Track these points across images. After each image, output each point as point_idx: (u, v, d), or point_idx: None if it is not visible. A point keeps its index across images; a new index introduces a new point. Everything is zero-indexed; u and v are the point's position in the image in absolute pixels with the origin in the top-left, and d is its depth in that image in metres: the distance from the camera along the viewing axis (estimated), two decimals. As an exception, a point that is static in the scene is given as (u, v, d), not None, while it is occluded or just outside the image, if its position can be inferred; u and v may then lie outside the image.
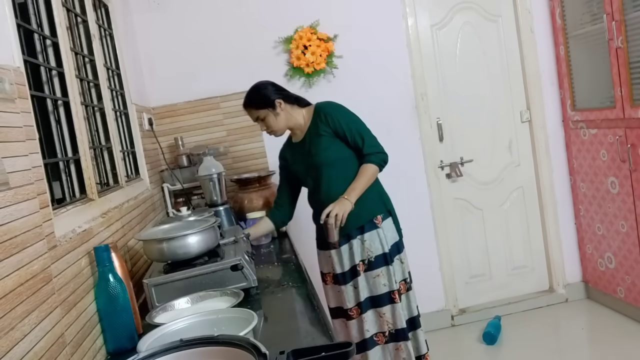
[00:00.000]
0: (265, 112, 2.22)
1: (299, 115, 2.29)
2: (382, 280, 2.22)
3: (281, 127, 2.27)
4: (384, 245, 2.22)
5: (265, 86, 2.26)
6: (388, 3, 3.31)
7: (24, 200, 1.13)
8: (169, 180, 2.92)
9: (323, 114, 2.24)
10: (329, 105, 2.29)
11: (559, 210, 3.55)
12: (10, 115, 1.14)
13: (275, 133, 2.30)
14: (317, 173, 2.25)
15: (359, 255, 2.23)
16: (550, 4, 3.37)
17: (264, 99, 2.22)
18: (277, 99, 2.22)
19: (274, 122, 2.24)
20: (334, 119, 2.21)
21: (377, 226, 2.23)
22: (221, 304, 1.54)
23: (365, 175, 2.20)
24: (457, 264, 3.54)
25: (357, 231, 2.23)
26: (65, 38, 1.69)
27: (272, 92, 2.23)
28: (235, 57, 3.21)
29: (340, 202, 2.14)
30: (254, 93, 2.25)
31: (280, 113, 2.23)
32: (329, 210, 2.12)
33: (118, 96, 2.44)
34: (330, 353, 0.90)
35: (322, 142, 2.22)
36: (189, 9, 3.18)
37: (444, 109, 3.45)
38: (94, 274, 1.50)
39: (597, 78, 3.12)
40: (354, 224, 2.19)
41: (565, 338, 3.22)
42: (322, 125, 2.23)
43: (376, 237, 2.22)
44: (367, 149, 2.21)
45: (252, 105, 2.25)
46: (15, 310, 1.02)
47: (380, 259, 2.22)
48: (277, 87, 2.27)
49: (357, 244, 2.23)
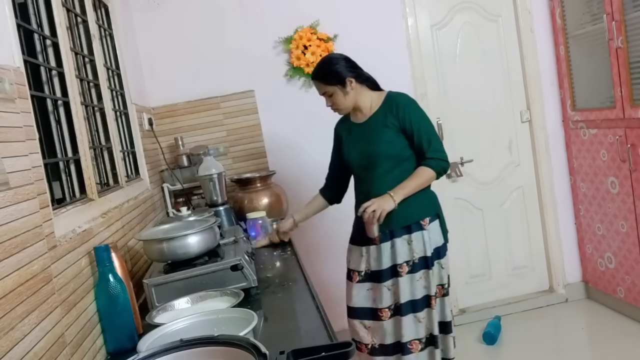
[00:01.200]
0: (334, 88, 2.14)
1: (367, 98, 2.20)
2: (423, 283, 2.15)
3: (347, 106, 2.19)
4: (427, 248, 2.15)
5: (338, 61, 2.16)
6: (388, 3, 3.31)
7: (24, 200, 1.13)
8: (169, 180, 2.92)
9: (395, 105, 2.15)
10: (404, 97, 2.20)
11: (559, 210, 3.55)
12: (10, 115, 1.14)
13: (340, 111, 2.23)
14: (370, 162, 2.17)
15: (404, 256, 2.15)
16: (550, 4, 3.37)
17: (334, 75, 2.13)
18: (349, 77, 2.13)
19: (342, 100, 2.16)
20: (406, 114, 2.13)
21: (423, 228, 2.15)
22: (221, 304, 1.54)
23: (420, 177, 2.12)
24: (457, 264, 3.54)
25: (403, 230, 2.15)
26: (65, 38, 1.69)
27: (345, 69, 2.14)
28: (235, 57, 3.21)
29: (383, 198, 2.07)
30: (325, 67, 2.16)
31: (349, 92, 2.15)
32: (367, 204, 2.06)
33: (118, 96, 2.44)
34: (330, 353, 0.90)
35: (386, 134, 2.14)
36: (189, 9, 3.18)
37: (444, 109, 3.45)
38: (94, 274, 1.50)
39: (597, 78, 3.12)
40: (399, 222, 2.13)
41: (565, 338, 3.22)
42: (391, 116, 2.14)
43: (421, 239, 2.15)
44: (431, 152, 2.12)
45: (321, 79, 2.16)
46: (15, 310, 1.02)
47: (422, 262, 2.15)
48: (350, 64, 2.18)
49: (402, 244, 2.15)
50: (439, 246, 2.20)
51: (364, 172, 2.21)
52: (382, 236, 2.14)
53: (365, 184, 2.22)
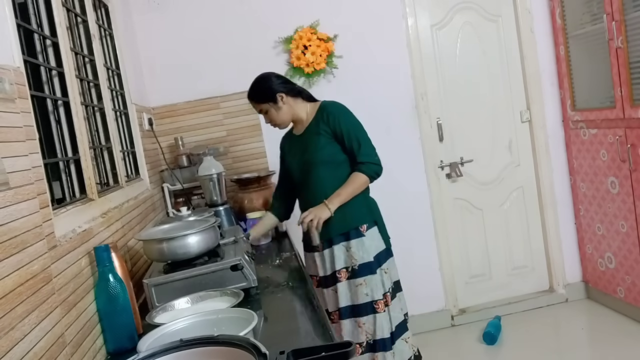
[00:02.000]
0: (267, 105, 2.21)
1: (302, 109, 2.26)
2: (364, 289, 2.17)
3: (284, 120, 2.25)
4: (369, 254, 2.18)
5: (268, 78, 2.22)
6: (388, 3, 3.31)
7: (24, 200, 1.13)
8: (169, 180, 2.92)
9: (326, 113, 2.21)
10: (334, 105, 2.26)
11: (559, 210, 3.55)
12: (10, 115, 1.14)
13: (279, 126, 2.28)
14: (307, 170, 2.23)
15: (342, 262, 2.20)
16: (550, 4, 3.37)
17: (265, 93, 2.20)
18: (280, 92, 2.19)
19: (276, 115, 2.22)
20: (335, 120, 2.18)
21: (362, 234, 2.19)
22: (221, 304, 1.54)
23: (354, 183, 2.17)
24: (457, 264, 3.54)
25: (341, 237, 2.20)
26: (65, 38, 1.69)
27: (276, 85, 2.20)
28: (235, 57, 3.21)
29: (319, 207, 2.14)
30: (256, 86, 2.23)
31: (282, 107, 2.21)
32: (305, 214, 2.14)
33: (118, 96, 2.44)
34: (330, 353, 0.90)
35: (319, 141, 2.19)
36: (189, 9, 3.18)
37: (444, 109, 3.45)
38: (94, 274, 1.50)
39: (597, 78, 3.12)
40: (337, 229, 2.18)
41: (565, 338, 3.22)
42: (323, 124, 2.20)
43: (361, 246, 2.18)
44: (362, 157, 2.18)
45: (254, 98, 2.23)
46: (15, 310, 1.02)
47: (364, 268, 2.17)
48: (280, 79, 2.24)
49: (341, 251, 2.20)
50: (381, 251, 2.23)
51: (303, 181, 2.26)
52: (323, 244, 2.20)
53: (304, 192, 2.28)
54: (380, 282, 2.19)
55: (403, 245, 3.03)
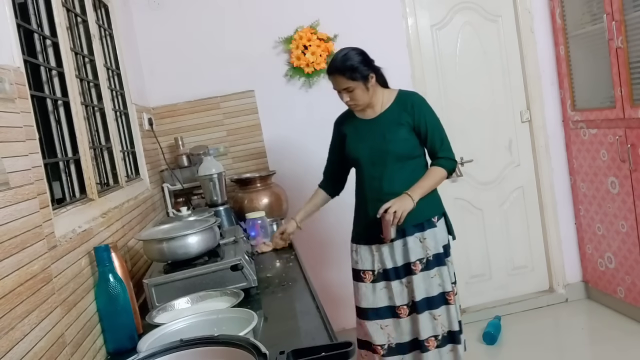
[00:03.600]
0: (357, 84, 2.06)
1: (379, 94, 2.17)
2: (437, 280, 2.16)
3: (367, 102, 2.13)
4: (439, 245, 2.17)
5: (361, 55, 2.09)
6: (388, 3, 3.31)
7: (24, 200, 1.13)
8: (169, 180, 2.92)
9: (410, 104, 2.14)
10: (418, 97, 2.20)
11: (559, 210, 3.54)
12: (10, 115, 1.14)
13: (359, 107, 2.15)
14: (383, 159, 2.14)
15: (417, 254, 2.14)
16: (550, 4, 3.37)
17: (360, 70, 2.05)
18: (371, 72, 2.09)
19: (363, 96, 2.09)
20: (421, 113, 2.12)
21: (434, 225, 2.17)
22: (221, 304, 1.54)
23: (435, 176, 2.13)
24: (457, 264, 3.50)
25: (415, 229, 2.14)
26: (65, 38, 1.69)
27: (367, 64, 2.08)
28: (235, 57, 3.21)
29: (402, 198, 2.05)
30: (349, 61, 2.05)
31: (370, 88, 2.10)
32: (388, 205, 2.02)
33: (118, 96, 2.44)
34: (330, 353, 0.90)
35: (401, 132, 2.12)
36: (189, 9, 3.18)
37: (444, 109, 3.44)
38: (94, 274, 1.50)
39: (597, 78, 3.12)
40: (412, 220, 2.10)
41: (565, 338, 3.22)
42: (406, 114, 2.13)
43: (433, 236, 2.16)
44: (443, 152, 2.15)
45: (345, 73, 2.05)
46: (15, 310, 1.02)
47: (437, 259, 2.16)
48: (369, 58, 2.12)
49: (415, 242, 2.14)
50: (446, 243, 2.23)
51: (375, 169, 2.17)
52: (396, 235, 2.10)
53: (375, 181, 2.17)
54: (449, 273, 2.19)
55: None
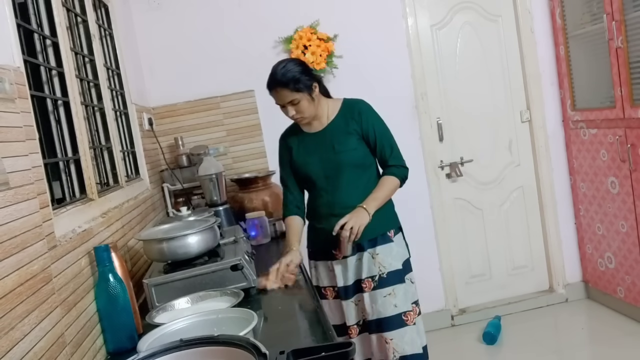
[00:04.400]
0: (302, 95, 1.95)
1: (324, 105, 2.07)
2: (393, 300, 1.99)
3: (312, 113, 2.02)
4: (397, 261, 2.02)
5: (302, 65, 1.99)
6: (388, 3, 3.31)
7: (24, 200, 1.13)
8: (169, 180, 2.92)
9: (357, 112, 2.04)
10: (364, 104, 2.09)
11: (559, 210, 3.54)
12: (10, 115, 1.14)
13: (304, 120, 2.03)
14: (335, 171, 2.03)
15: (368, 271, 2.01)
16: (550, 4, 3.37)
17: (304, 81, 1.94)
18: (315, 82, 1.99)
19: (308, 107, 1.98)
20: (368, 121, 2.03)
21: (390, 240, 2.04)
22: (221, 304, 1.54)
23: (388, 186, 2.03)
24: (457, 264, 3.54)
25: (370, 243, 2.02)
26: (65, 38, 1.69)
27: (310, 74, 1.98)
28: (235, 57, 3.21)
29: (357, 212, 1.93)
30: (291, 72, 1.94)
31: (314, 98, 1.99)
32: (344, 221, 1.91)
33: (118, 96, 2.44)
34: (330, 353, 0.90)
35: (350, 141, 2.02)
36: (189, 9, 3.18)
37: (444, 109, 3.45)
38: (94, 274, 1.50)
39: (597, 78, 3.12)
40: (366, 235, 1.97)
41: (565, 338, 3.22)
42: (353, 123, 2.03)
43: (389, 252, 2.02)
44: (393, 160, 2.05)
45: (289, 85, 1.93)
46: (15, 310, 1.02)
47: (393, 276, 2.00)
48: (309, 68, 2.02)
49: (368, 258, 2.02)
50: (406, 259, 2.09)
51: (327, 182, 2.05)
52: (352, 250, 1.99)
53: (328, 195, 2.05)
54: (410, 292, 2.04)
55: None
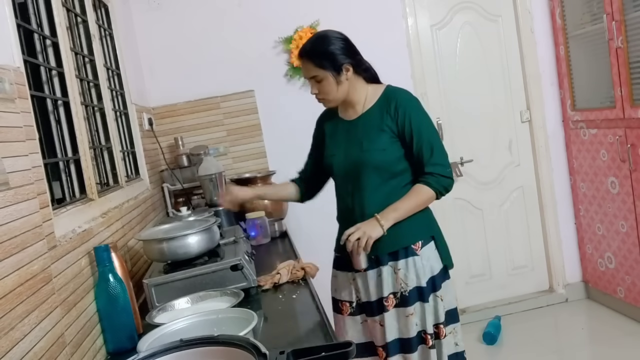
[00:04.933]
0: (326, 73, 1.73)
1: (362, 91, 1.81)
2: (414, 319, 1.77)
3: (338, 97, 1.78)
4: (421, 277, 1.76)
5: (337, 40, 1.74)
6: (388, 3, 3.31)
7: (24, 200, 1.13)
8: (169, 180, 2.92)
9: (394, 104, 1.76)
10: (404, 95, 1.80)
11: (559, 210, 3.55)
12: (10, 115, 1.14)
13: (327, 103, 1.81)
14: (357, 172, 1.79)
15: (390, 287, 1.78)
16: (550, 4, 3.37)
17: (330, 57, 1.72)
18: (347, 63, 1.74)
19: (332, 89, 1.75)
20: (406, 116, 1.74)
21: (415, 253, 1.77)
22: (221, 304, 1.54)
23: (416, 198, 1.74)
24: (457, 264, 3.48)
25: (390, 257, 1.78)
26: (65, 38, 1.69)
27: (344, 52, 1.73)
28: (235, 57, 3.21)
29: (369, 223, 1.71)
30: (320, 44, 1.74)
31: (343, 82, 1.75)
32: (351, 231, 1.71)
33: (118, 96, 2.44)
34: (330, 353, 0.90)
35: (380, 139, 1.75)
36: (189, 9, 3.18)
37: (444, 109, 3.45)
38: (94, 274, 1.50)
39: (597, 78, 3.12)
40: (386, 247, 1.76)
41: (565, 338, 3.22)
42: (388, 118, 1.76)
43: (412, 267, 1.76)
44: (432, 167, 1.73)
45: (313, 58, 1.73)
46: (15, 310, 1.02)
47: (415, 294, 1.77)
48: (349, 46, 1.76)
49: (388, 273, 1.78)
50: (435, 275, 1.81)
51: (347, 183, 1.83)
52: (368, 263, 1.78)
53: (348, 198, 1.84)
54: (433, 311, 1.79)
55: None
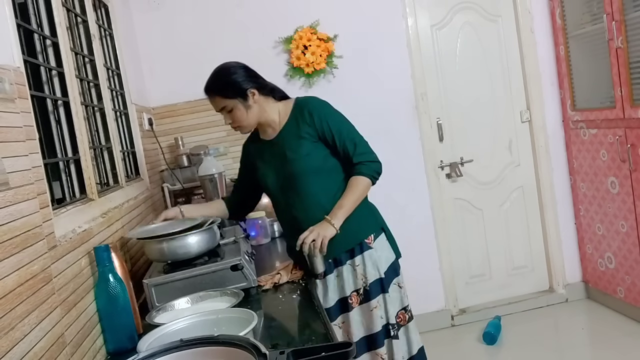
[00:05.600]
0: (234, 102, 1.80)
1: (274, 110, 1.88)
2: (379, 312, 1.84)
3: (250, 122, 1.85)
4: (379, 268, 1.85)
5: (236, 70, 1.83)
6: (388, 3, 3.31)
7: (24, 200, 1.13)
8: (169, 180, 2.92)
9: (308, 112, 1.84)
10: (314, 102, 1.90)
11: (559, 210, 3.54)
12: (10, 115, 1.14)
13: (243, 129, 1.89)
14: (292, 184, 1.86)
15: (351, 285, 1.85)
16: (550, 4, 3.37)
17: (233, 86, 1.80)
18: (251, 88, 1.81)
19: (243, 115, 1.82)
20: (321, 120, 1.83)
21: (369, 247, 1.85)
22: (221, 304, 1.54)
23: (356, 190, 1.82)
24: (457, 264, 3.54)
25: (347, 255, 1.85)
26: (65, 38, 1.69)
27: (245, 79, 1.81)
28: (235, 57, 3.13)
29: (321, 225, 1.77)
30: (221, 77, 1.83)
31: (252, 106, 1.82)
32: (305, 235, 1.75)
33: (118, 96, 2.44)
34: (330, 353, 0.90)
35: (303, 147, 1.83)
36: (189, 9, 3.18)
37: (444, 109, 3.45)
38: (94, 274, 1.50)
39: (597, 78, 3.12)
40: (342, 246, 1.82)
41: (565, 338, 3.22)
42: (305, 125, 1.84)
43: (369, 260, 1.84)
44: (359, 157, 1.84)
45: (218, 92, 1.82)
46: (15, 310, 1.02)
47: (376, 287, 1.84)
48: (250, 73, 1.85)
49: (348, 271, 1.85)
50: (391, 263, 1.89)
51: (287, 196, 1.89)
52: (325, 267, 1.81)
53: (292, 209, 1.89)
54: (397, 300, 1.88)
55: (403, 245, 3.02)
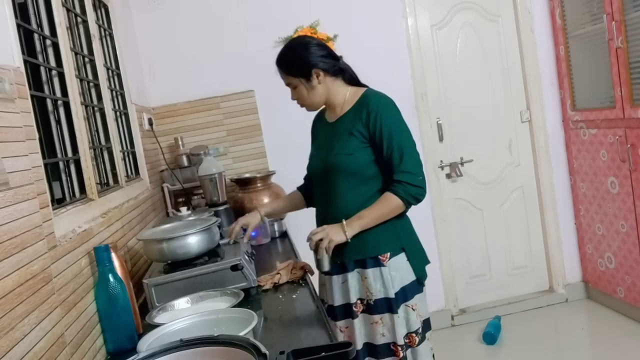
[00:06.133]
0: (297, 81, 1.75)
1: (340, 93, 1.80)
2: (380, 329, 1.76)
3: (313, 102, 1.80)
4: (388, 288, 1.73)
5: (306, 47, 1.74)
6: (388, 3, 3.31)
7: (24, 200, 1.13)
8: (169, 180, 2.92)
9: (366, 110, 1.72)
10: (379, 99, 1.75)
11: (559, 210, 3.55)
12: (10, 115, 1.14)
13: (307, 108, 1.84)
14: (327, 176, 1.79)
15: (357, 293, 1.79)
16: (550, 4, 3.37)
17: (298, 64, 1.74)
18: (317, 68, 1.73)
19: (305, 95, 1.77)
20: (377, 120, 1.70)
21: (382, 264, 1.74)
22: (221, 304, 1.54)
23: (383, 207, 1.71)
24: (457, 264, 3.54)
25: (355, 264, 1.78)
26: (65, 38, 1.69)
27: (313, 57, 1.73)
28: (235, 57, 3.21)
29: (334, 227, 1.70)
30: (288, 52, 1.76)
31: (315, 86, 1.75)
32: (315, 231, 1.72)
33: (118, 96, 2.44)
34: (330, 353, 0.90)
35: (349, 144, 1.73)
36: (189, 9, 3.18)
37: (444, 109, 3.45)
38: (94, 274, 1.50)
39: (597, 78, 3.12)
40: (351, 255, 1.76)
41: (565, 338, 3.22)
42: (359, 123, 1.73)
43: (379, 278, 1.74)
44: (400, 174, 1.69)
45: (283, 67, 1.77)
46: (15, 310, 1.02)
47: (382, 304, 1.75)
48: (323, 51, 1.75)
49: (355, 279, 1.78)
50: (406, 284, 1.76)
51: (321, 187, 1.84)
52: (333, 267, 1.78)
53: (321, 202, 1.85)
54: (404, 322, 1.76)
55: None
